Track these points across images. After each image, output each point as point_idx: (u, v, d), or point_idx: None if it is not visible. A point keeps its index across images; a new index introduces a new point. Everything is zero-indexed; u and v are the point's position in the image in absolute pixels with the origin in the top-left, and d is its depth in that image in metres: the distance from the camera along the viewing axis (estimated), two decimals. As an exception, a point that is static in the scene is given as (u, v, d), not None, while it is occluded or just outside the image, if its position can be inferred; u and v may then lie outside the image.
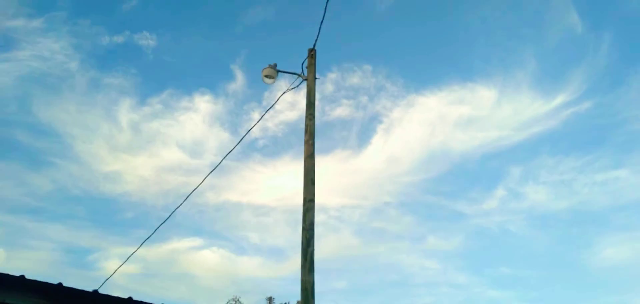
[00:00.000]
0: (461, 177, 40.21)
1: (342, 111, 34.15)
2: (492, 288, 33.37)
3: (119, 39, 30.93)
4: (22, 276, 4.44)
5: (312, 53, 8.16)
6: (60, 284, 4.58)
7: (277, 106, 8.09)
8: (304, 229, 6.41)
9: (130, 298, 4.85)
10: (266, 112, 7.70)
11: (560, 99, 33.59)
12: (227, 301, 27.74)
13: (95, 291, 4.82)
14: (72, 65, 30.46)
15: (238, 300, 27.83)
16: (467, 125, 36.14)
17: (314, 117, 7.66)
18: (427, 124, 36.46)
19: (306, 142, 7.39)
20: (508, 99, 35.67)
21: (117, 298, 4.84)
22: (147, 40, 31.20)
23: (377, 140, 37.17)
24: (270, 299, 27.65)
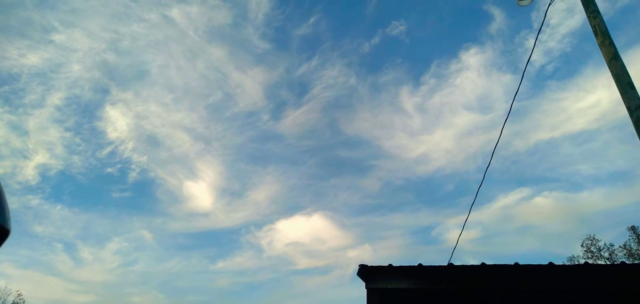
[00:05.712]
0: None
1: (631, -14, 26.62)
2: None
3: (375, 40, 33.47)
4: (390, 265, 5.19)
5: (568, -56, 6.85)
6: (420, 265, 5.12)
7: (550, 21, 7.06)
8: (643, 141, 5.32)
9: (483, 264, 5.00)
10: (539, 33, 6.85)
11: None
12: (583, 241, 27.00)
13: (451, 265, 5.18)
14: (351, 81, 34.93)
15: (593, 238, 26.76)
16: None
17: (598, 13, 6.39)
18: None
19: (601, 44, 6.20)
20: None
21: (471, 266, 5.07)
22: (397, 28, 32.88)
23: None
24: (633, 228, 25.55)
